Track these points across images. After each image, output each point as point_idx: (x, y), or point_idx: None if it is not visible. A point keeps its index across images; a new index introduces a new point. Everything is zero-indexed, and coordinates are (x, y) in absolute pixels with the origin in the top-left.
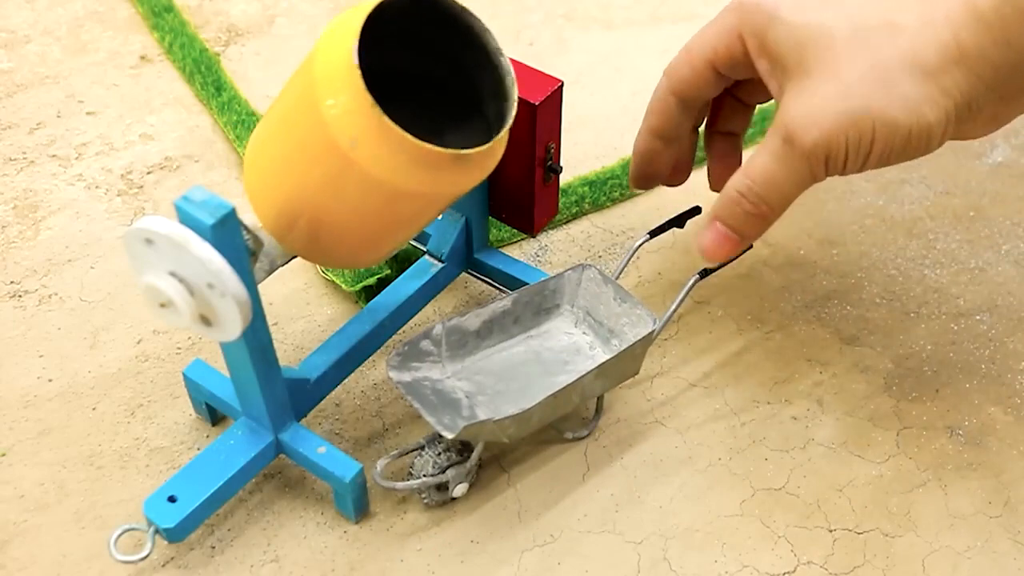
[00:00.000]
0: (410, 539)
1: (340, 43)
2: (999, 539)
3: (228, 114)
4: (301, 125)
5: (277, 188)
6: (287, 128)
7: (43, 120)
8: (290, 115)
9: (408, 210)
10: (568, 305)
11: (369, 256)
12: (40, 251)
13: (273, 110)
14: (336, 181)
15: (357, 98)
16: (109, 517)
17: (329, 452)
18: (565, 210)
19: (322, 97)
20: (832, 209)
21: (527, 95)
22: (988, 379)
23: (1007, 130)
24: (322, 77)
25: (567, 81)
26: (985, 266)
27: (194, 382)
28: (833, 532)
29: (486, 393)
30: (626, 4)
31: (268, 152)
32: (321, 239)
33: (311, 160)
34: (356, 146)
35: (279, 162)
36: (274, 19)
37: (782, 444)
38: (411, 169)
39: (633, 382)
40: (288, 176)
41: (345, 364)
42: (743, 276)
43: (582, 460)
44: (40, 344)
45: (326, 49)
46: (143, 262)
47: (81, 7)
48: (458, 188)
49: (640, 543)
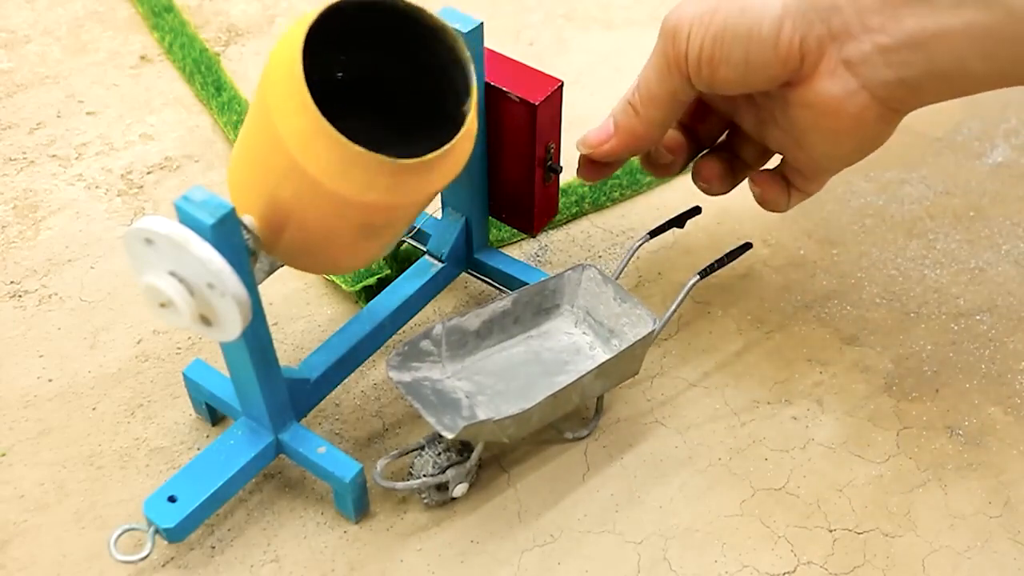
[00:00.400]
0: (410, 539)
1: (286, 54)
2: (999, 539)
3: (228, 114)
4: (263, 143)
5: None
6: (253, 144)
7: (43, 120)
8: (254, 134)
9: (380, 219)
10: (568, 305)
11: (355, 262)
12: (40, 251)
13: (243, 128)
14: (301, 197)
15: (305, 112)
16: (109, 517)
17: (329, 452)
18: (565, 210)
19: (275, 115)
20: (832, 209)
21: (527, 95)
22: (988, 379)
23: (1007, 130)
24: (272, 93)
25: (567, 81)
26: (985, 266)
27: (194, 382)
28: (833, 532)
29: (486, 393)
30: (626, 4)
31: (243, 167)
32: (303, 249)
33: (275, 178)
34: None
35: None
36: (274, 19)
37: (782, 444)
38: (369, 180)
39: (633, 382)
40: (262, 188)
41: (345, 364)
42: (743, 276)
43: (582, 460)
44: (40, 344)
45: (275, 60)
46: (143, 262)
47: (81, 7)
48: (423, 194)
49: (640, 543)
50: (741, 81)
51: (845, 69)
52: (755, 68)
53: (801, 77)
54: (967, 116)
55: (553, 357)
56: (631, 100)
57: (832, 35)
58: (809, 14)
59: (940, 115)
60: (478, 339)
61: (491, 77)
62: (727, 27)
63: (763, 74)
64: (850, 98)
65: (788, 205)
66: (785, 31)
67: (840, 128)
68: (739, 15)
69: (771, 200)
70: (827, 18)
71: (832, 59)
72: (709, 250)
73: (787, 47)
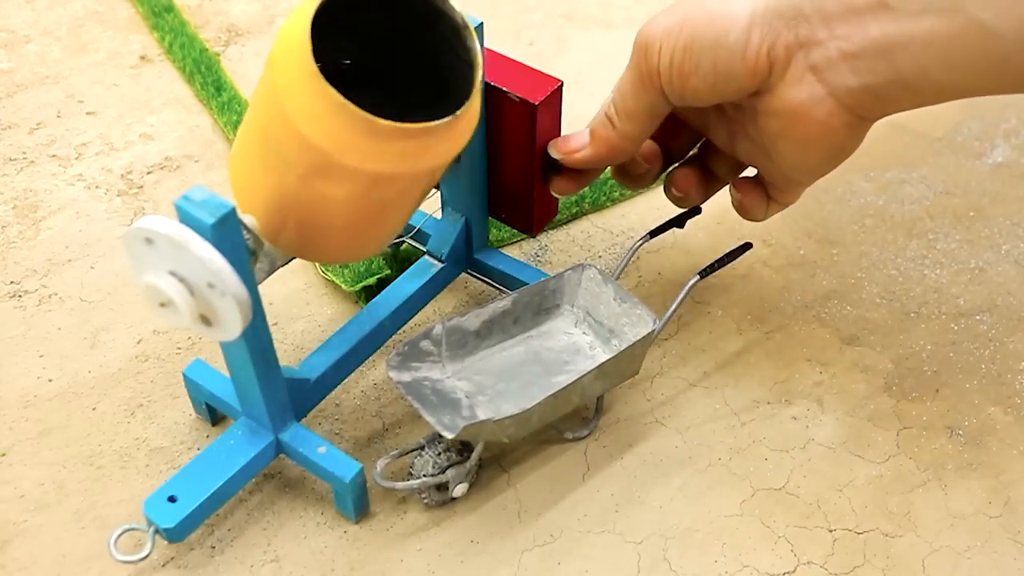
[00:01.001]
0: (410, 539)
1: (294, 32)
2: (999, 539)
3: (228, 114)
4: (269, 126)
5: (260, 192)
6: (258, 132)
7: (43, 120)
8: (259, 120)
9: (390, 192)
10: (568, 305)
11: (363, 248)
12: (40, 251)
13: (244, 122)
14: (308, 177)
15: (312, 82)
16: (109, 517)
17: (329, 452)
18: (565, 210)
19: (283, 95)
20: (832, 209)
21: (527, 95)
22: (988, 379)
23: (1007, 130)
24: (279, 68)
25: (567, 81)
26: (985, 266)
27: (194, 382)
28: (833, 532)
29: (486, 393)
30: (626, 4)
31: (246, 160)
32: (310, 236)
33: (285, 159)
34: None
35: (257, 167)
36: (274, 19)
37: (782, 444)
38: (378, 148)
39: (633, 382)
40: (267, 178)
41: (345, 364)
42: (743, 276)
43: (582, 460)
44: (40, 344)
45: (282, 38)
46: (143, 262)
47: (81, 7)
48: (431, 165)
49: (640, 543)
50: (711, 91)
51: (812, 76)
52: (724, 78)
53: (770, 86)
54: (967, 116)
55: (553, 357)
56: (608, 112)
57: (799, 43)
58: (776, 23)
59: (940, 115)
60: (478, 339)
61: (491, 77)
62: (695, 38)
63: (733, 84)
64: (817, 105)
65: (766, 214)
66: (753, 40)
67: (808, 136)
68: (707, 26)
69: (750, 208)
70: (794, 26)
71: (799, 66)
72: (709, 250)
73: (755, 56)
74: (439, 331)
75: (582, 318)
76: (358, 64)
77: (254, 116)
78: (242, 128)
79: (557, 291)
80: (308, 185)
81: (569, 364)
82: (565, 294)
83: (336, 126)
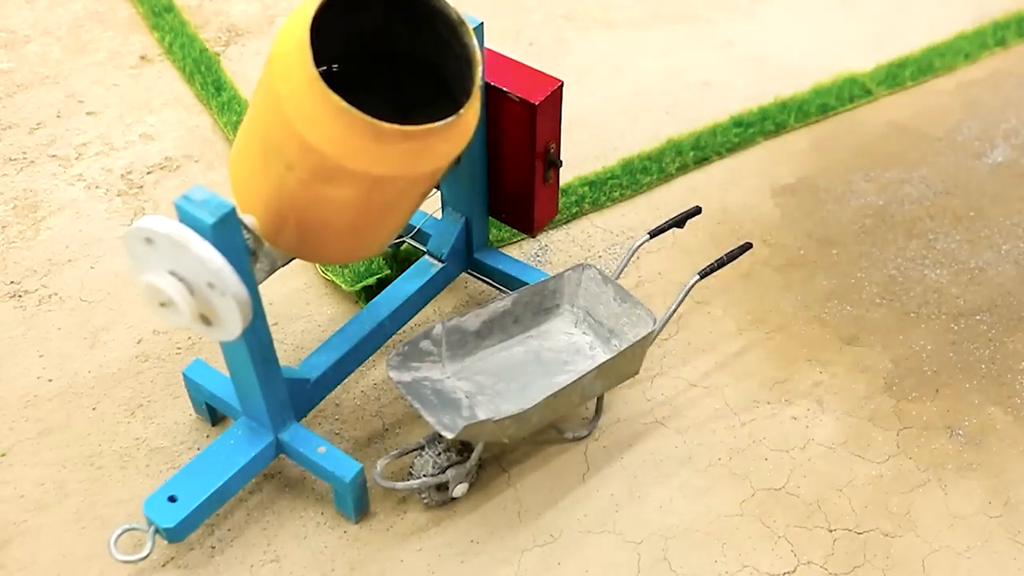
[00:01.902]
0: (410, 539)
1: (293, 35)
2: (999, 539)
3: (228, 114)
4: (271, 129)
5: (260, 193)
6: (259, 133)
7: (43, 120)
8: (259, 121)
9: (390, 194)
10: (568, 305)
11: (364, 248)
12: (40, 251)
13: (244, 122)
14: (314, 178)
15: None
16: (109, 517)
17: (329, 452)
18: (565, 210)
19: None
20: (832, 209)
21: (527, 95)
22: (988, 379)
23: (1007, 130)
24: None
25: (567, 81)
26: (985, 266)
27: (194, 382)
28: (833, 532)
29: (486, 393)
30: (626, 4)
31: (246, 161)
32: (311, 237)
33: (286, 161)
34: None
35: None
36: (274, 19)
37: (782, 444)
38: (379, 150)
39: (633, 382)
40: (267, 179)
41: (345, 364)
42: (743, 276)
43: (582, 460)
44: (40, 344)
45: (281, 41)
46: (143, 261)
47: (81, 7)
48: (431, 167)
49: (640, 543)
50: None
51: None
52: None
53: None
54: (967, 116)
55: (553, 357)
56: None
57: None
58: None
59: (940, 115)
60: (478, 339)
61: (491, 77)
62: None
63: None
64: None
65: None
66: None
67: None
68: None
69: None
70: None
71: None
72: (709, 250)
73: None
74: (439, 331)
75: (582, 318)
76: (355, 64)
77: (254, 117)
78: (242, 129)
79: (557, 291)
80: (309, 187)
81: (569, 364)
82: (565, 294)
83: (338, 130)
